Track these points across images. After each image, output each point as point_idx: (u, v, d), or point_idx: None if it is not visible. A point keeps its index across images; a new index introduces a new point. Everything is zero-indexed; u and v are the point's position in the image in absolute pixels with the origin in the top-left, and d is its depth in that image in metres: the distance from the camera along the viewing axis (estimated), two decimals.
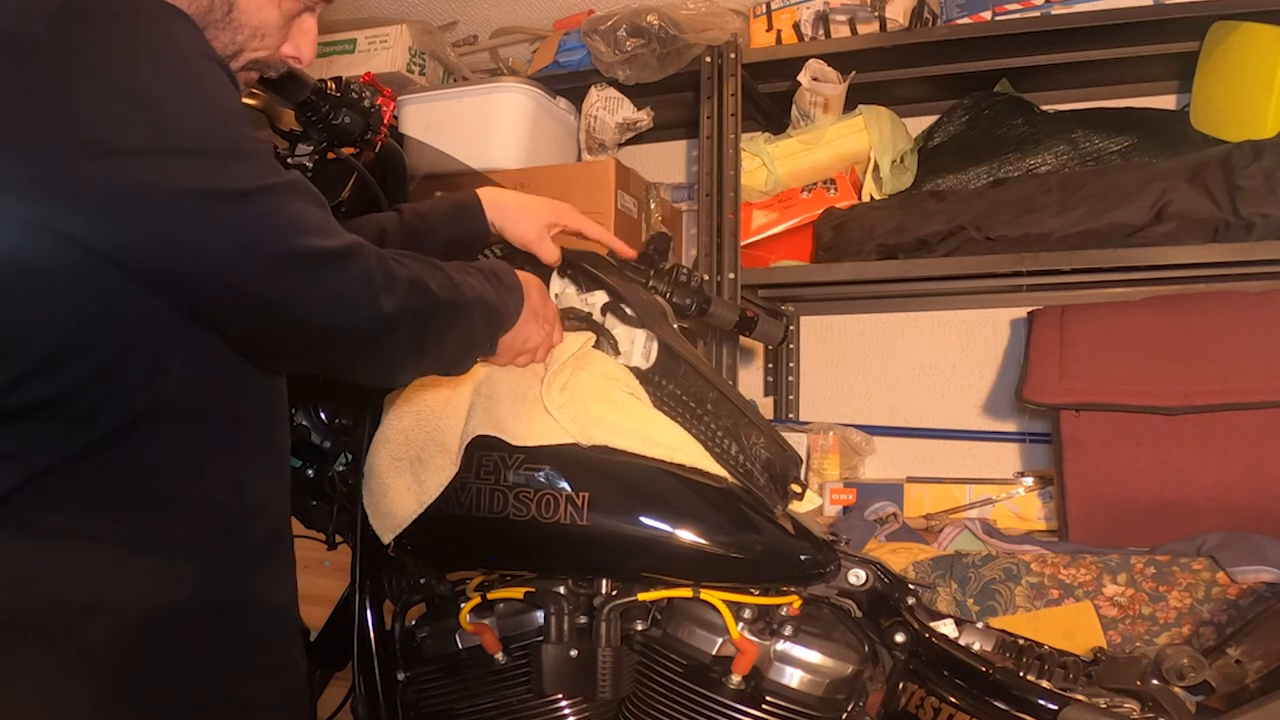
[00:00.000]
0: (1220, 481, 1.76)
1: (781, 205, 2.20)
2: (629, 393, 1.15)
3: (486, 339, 1.09)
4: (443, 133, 2.14)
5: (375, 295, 0.90)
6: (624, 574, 1.15)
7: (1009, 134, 2.11)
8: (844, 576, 1.16)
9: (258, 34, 0.99)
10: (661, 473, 1.11)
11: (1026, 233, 1.89)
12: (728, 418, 1.17)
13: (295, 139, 1.28)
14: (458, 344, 1.05)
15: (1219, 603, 1.60)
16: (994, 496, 2.04)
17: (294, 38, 1.03)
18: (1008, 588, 1.70)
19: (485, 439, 1.13)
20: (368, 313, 0.90)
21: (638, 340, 1.21)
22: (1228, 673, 1.21)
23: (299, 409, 1.29)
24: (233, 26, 0.96)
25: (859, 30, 2.11)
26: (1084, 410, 1.86)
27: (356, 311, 0.89)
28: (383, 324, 0.91)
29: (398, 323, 0.93)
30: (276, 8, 0.99)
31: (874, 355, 2.45)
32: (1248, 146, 1.78)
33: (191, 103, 0.82)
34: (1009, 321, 2.33)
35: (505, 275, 1.12)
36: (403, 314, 0.93)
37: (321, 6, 1.04)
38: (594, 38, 2.17)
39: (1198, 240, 1.79)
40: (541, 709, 1.19)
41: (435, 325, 0.99)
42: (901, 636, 1.16)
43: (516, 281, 1.13)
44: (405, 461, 1.17)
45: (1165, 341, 1.84)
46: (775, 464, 1.16)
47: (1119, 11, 1.87)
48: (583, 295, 1.25)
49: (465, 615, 1.21)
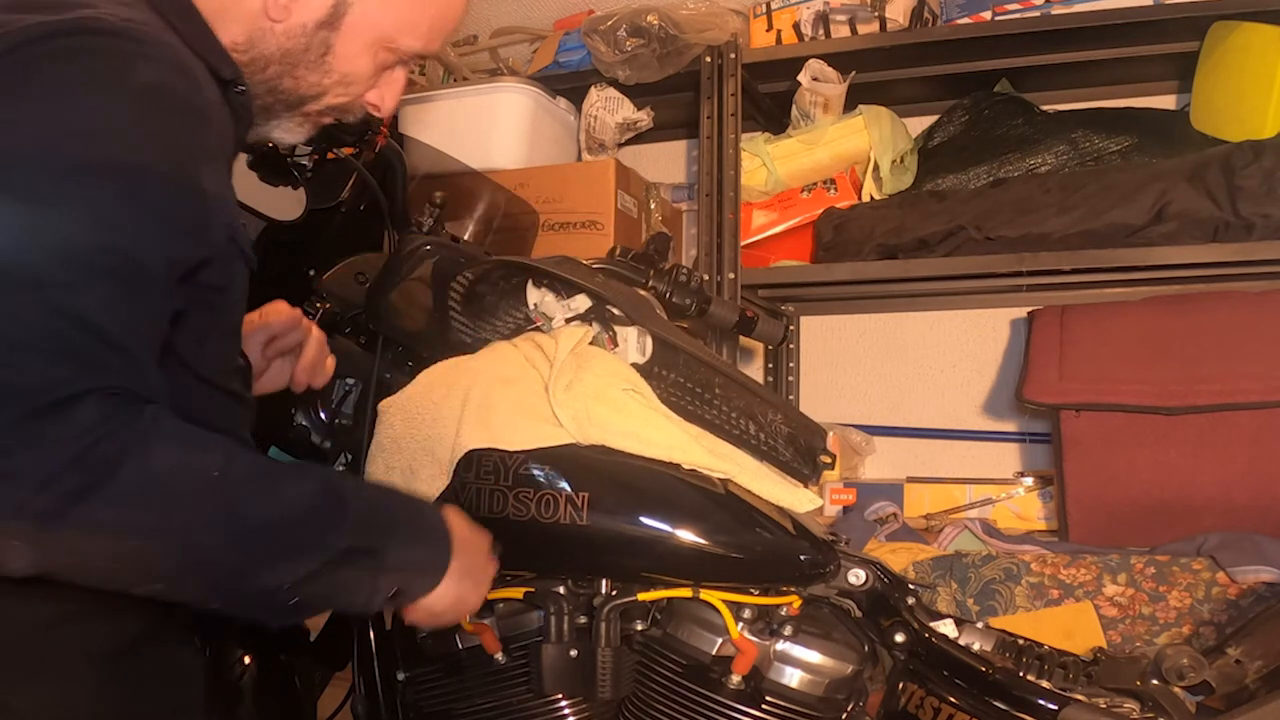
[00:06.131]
0: (1220, 481, 1.76)
1: (781, 205, 2.20)
2: (630, 389, 1.15)
3: (331, 598, 0.86)
4: (443, 133, 2.14)
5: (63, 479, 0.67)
6: (624, 574, 1.15)
7: (1009, 134, 2.11)
8: (844, 576, 1.16)
9: (345, 81, 0.97)
10: (661, 473, 1.11)
11: (1026, 233, 1.89)
12: (739, 399, 1.17)
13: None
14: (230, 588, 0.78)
15: (1219, 603, 1.60)
16: (994, 496, 2.04)
17: (381, 87, 1.01)
18: (1008, 588, 1.70)
19: (480, 451, 1.12)
20: (31, 496, 0.66)
21: (630, 337, 1.20)
22: (1228, 673, 1.21)
23: (299, 409, 1.29)
24: (322, 69, 0.95)
25: (859, 30, 2.11)
26: (1084, 410, 1.86)
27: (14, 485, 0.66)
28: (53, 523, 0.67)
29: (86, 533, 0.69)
30: (372, 59, 0.97)
31: (874, 355, 2.45)
32: (1248, 146, 1.78)
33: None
34: (1009, 321, 2.33)
35: (426, 525, 0.92)
36: (101, 524, 0.69)
37: (416, 63, 1.02)
38: (594, 38, 2.17)
39: (1198, 240, 1.79)
40: (541, 709, 1.19)
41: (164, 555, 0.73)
42: (901, 636, 1.16)
43: (441, 535, 0.93)
44: (398, 471, 1.17)
45: (1165, 341, 1.84)
46: (798, 438, 1.16)
47: (1119, 11, 1.87)
48: (564, 302, 1.24)
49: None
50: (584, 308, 1.23)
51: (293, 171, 1.25)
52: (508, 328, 1.26)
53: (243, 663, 1.36)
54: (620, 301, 1.20)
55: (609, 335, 1.21)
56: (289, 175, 1.25)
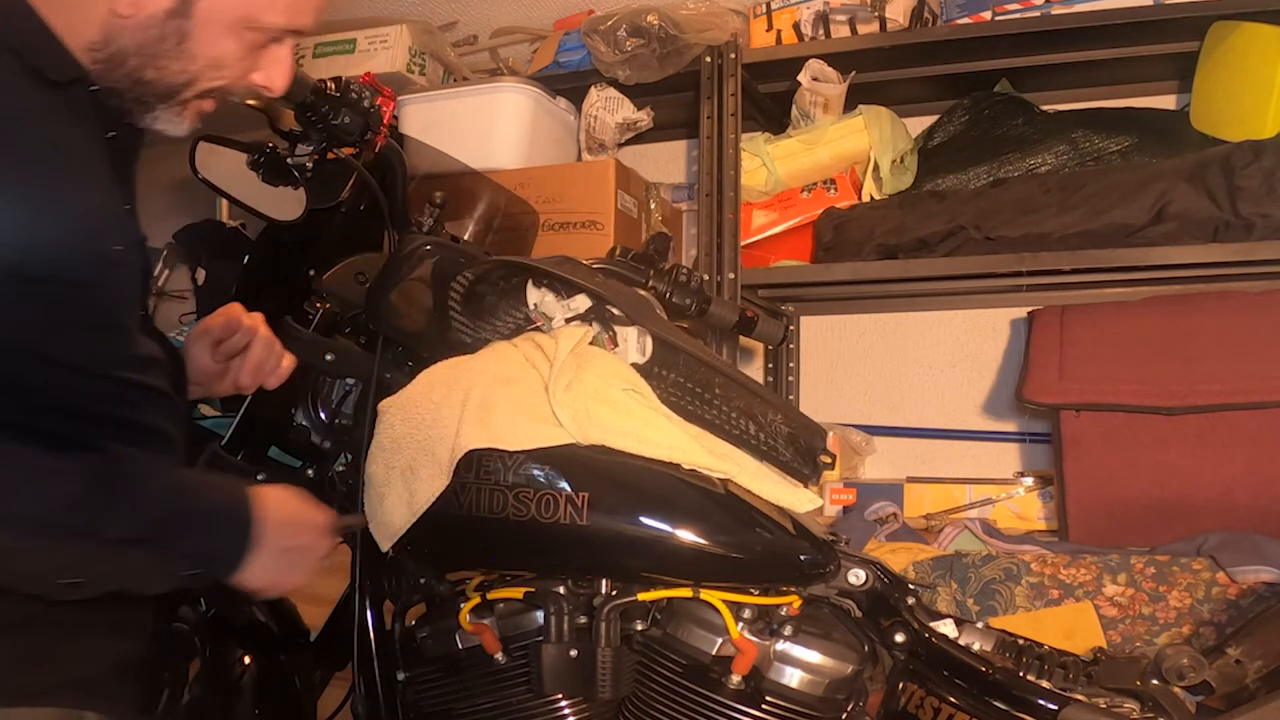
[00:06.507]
0: (1220, 481, 1.76)
1: (781, 205, 2.20)
2: (630, 389, 1.15)
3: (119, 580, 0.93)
4: (443, 133, 2.14)
5: None
6: (624, 574, 1.15)
7: (1009, 134, 2.11)
8: (844, 576, 1.16)
9: (214, 65, 0.96)
10: (661, 473, 1.11)
11: (1026, 233, 1.89)
12: (739, 399, 1.17)
13: (295, 139, 1.27)
14: None
15: (1219, 603, 1.60)
16: (994, 496, 2.04)
17: (266, 66, 1.01)
18: (1008, 588, 1.70)
19: (480, 450, 1.12)
20: None
21: (630, 338, 1.20)
22: (1228, 673, 1.21)
23: (299, 409, 1.29)
24: (185, 57, 0.94)
25: (859, 30, 2.11)
26: (1084, 410, 1.86)
27: None
28: None
29: None
30: (237, 40, 0.96)
31: (874, 355, 2.45)
32: (1248, 146, 1.78)
33: None
34: (1009, 321, 2.33)
35: (222, 516, 0.98)
36: None
37: (292, 38, 1.01)
38: (594, 38, 2.17)
39: (1198, 240, 1.79)
40: (541, 709, 1.19)
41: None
42: (901, 636, 1.16)
43: (240, 526, 0.98)
44: (398, 470, 1.17)
45: (1165, 341, 1.84)
46: (798, 438, 1.16)
47: (1119, 11, 1.87)
48: (564, 302, 1.24)
49: (465, 615, 1.21)
50: (584, 308, 1.22)
51: (293, 171, 1.25)
52: (508, 328, 1.26)
53: (243, 663, 1.36)
54: (620, 301, 1.20)
55: (609, 335, 1.21)
56: (289, 175, 1.25)
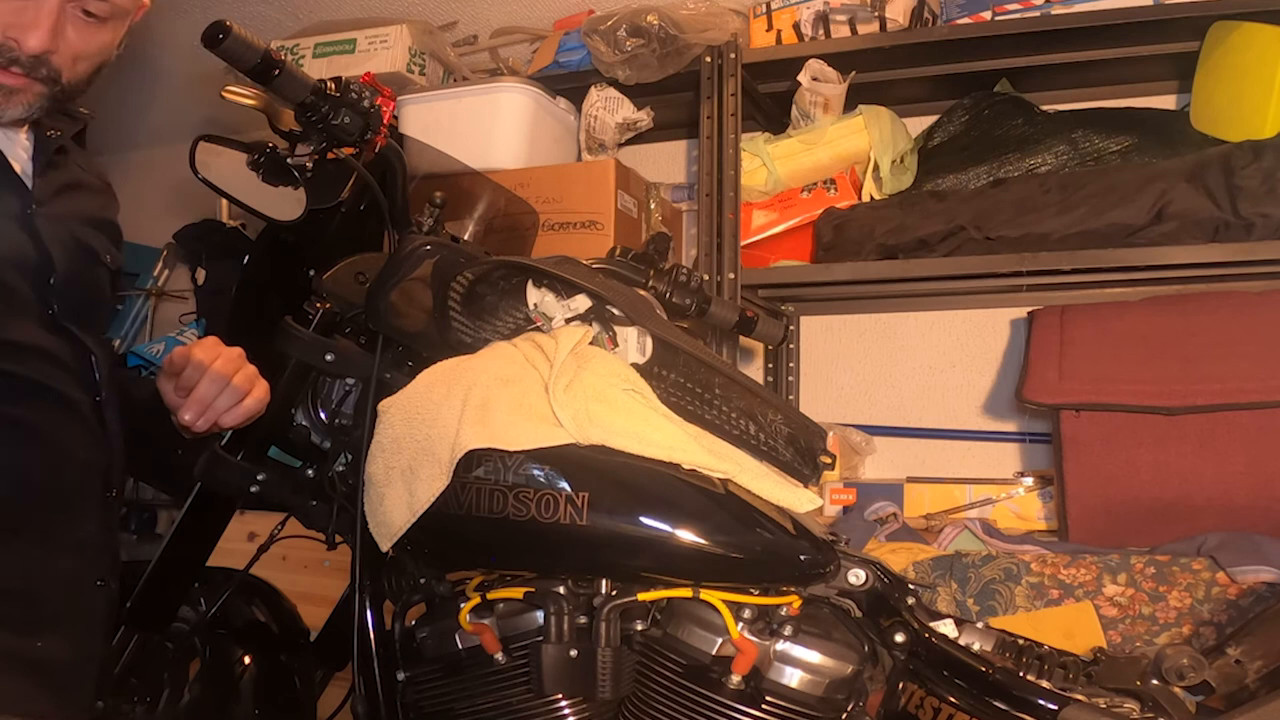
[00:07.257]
0: (1220, 481, 1.76)
1: (781, 205, 2.20)
2: (630, 389, 1.14)
3: None
4: (443, 133, 2.14)
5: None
6: (624, 574, 1.15)
7: (1009, 134, 2.11)
8: (844, 576, 1.16)
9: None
10: (661, 473, 1.11)
11: (1026, 233, 1.89)
12: (739, 399, 1.17)
13: (295, 139, 1.27)
14: None
15: (1219, 603, 1.60)
16: (994, 496, 2.04)
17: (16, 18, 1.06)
18: (1008, 588, 1.70)
19: (480, 450, 1.12)
20: None
21: (630, 338, 1.20)
22: (1228, 673, 1.21)
23: (299, 409, 1.29)
24: None
25: (859, 30, 2.11)
26: (1084, 410, 1.86)
27: None
28: None
29: None
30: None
31: (874, 355, 2.45)
32: (1248, 146, 1.78)
33: None
34: (1009, 321, 2.33)
35: None
36: None
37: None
38: (594, 38, 2.17)
39: (1198, 240, 1.79)
40: (541, 709, 1.18)
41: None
42: (901, 636, 1.16)
43: None
44: (398, 470, 1.17)
45: (1165, 341, 1.84)
46: (798, 438, 1.16)
47: (1119, 11, 1.87)
48: (564, 302, 1.24)
49: (465, 615, 1.21)
50: (584, 308, 1.22)
51: (293, 172, 1.25)
52: (508, 328, 1.26)
53: (243, 663, 1.36)
54: (620, 301, 1.20)
55: (609, 335, 1.21)
56: (289, 175, 1.25)
